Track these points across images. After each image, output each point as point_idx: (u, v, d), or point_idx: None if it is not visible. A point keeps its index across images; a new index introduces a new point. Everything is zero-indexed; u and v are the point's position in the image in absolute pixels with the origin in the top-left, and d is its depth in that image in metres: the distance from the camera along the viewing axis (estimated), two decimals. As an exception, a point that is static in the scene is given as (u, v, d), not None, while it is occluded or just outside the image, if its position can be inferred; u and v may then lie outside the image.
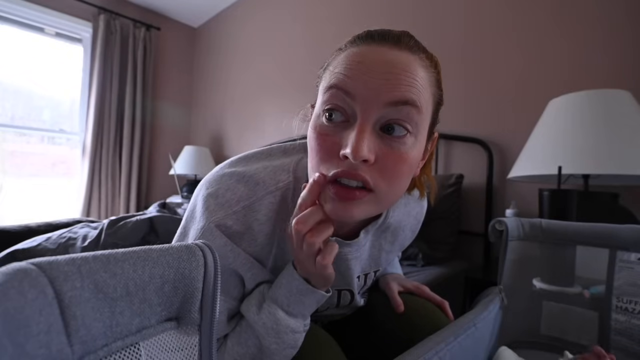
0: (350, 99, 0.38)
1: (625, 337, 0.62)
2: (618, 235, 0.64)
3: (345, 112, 0.39)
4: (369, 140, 0.37)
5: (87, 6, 2.67)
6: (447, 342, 0.46)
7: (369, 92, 0.37)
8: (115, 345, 0.23)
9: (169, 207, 1.55)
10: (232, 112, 2.92)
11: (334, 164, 0.38)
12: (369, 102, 0.37)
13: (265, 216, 0.46)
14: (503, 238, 0.72)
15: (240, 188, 0.46)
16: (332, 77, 0.39)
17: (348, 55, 0.40)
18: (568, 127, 0.97)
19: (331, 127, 0.39)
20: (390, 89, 0.37)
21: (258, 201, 0.46)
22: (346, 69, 0.38)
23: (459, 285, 1.25)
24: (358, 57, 0.38)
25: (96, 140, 2.69)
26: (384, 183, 0.39)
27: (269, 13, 2.62)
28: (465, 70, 1.57)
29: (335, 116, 0.39)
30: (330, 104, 0.39)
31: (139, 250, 0.25)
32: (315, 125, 0.41)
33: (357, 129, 0.37)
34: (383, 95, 0.37)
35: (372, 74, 0.37)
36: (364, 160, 0.37)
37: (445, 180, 1.46)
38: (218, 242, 0.44)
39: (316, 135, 0.40)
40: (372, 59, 0.38)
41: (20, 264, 0.19)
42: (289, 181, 0.48)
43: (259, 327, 0.45)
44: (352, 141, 0.36)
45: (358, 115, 0.38)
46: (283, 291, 0.45)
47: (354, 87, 0.37)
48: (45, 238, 1.06)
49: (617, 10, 1.20)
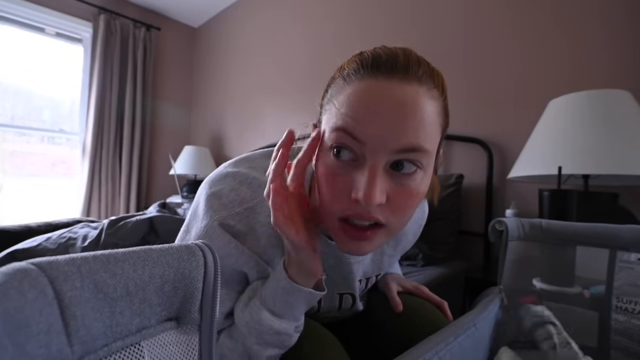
0: (358, 142, 0.37)
1: (626, 337, 0.62)
2: (618, 235, 0.64)
3: (354, 152, 0.38)
4: (381, 183, 0.36)
5: (87, 6, 2.67)
6: (447, 342, 0.46)
7: (377, 139, 0.36)
8: (115, 345, 0.23)
9: (169, 207, 1.55)
10: (232, 112, 2.92)
11: (345, 203, 0.38)
12: (377, 148, 0.36)
13: (268, 218, 0.46)
14: (503, 238, 0.72)
15: (243, 190, 0.47)
16: (339, 118, 0.38)
17: (355, 93, 0.37)
18: (568, 127, 0.97)
19: (340, 165, 0.38)
20: (399, 136, 0.36)
21: (260, 204, 0.46)
22: (353, 112, 0.37)
23: (459, 286, 1.25)
24: (365, 98, 0.37)
25: (96, 141, 2.69)
26: (395, 219, 0.39)
27: (269, 13, 2.62)
28: (465, 70, 1.57)
29: (343, 154, 0.38)
30: (339, 144, 0.38)
31: (139, 250, 0.25)
32: (324, 161, 0.40)
33: (369, 174, 0.36)
34: (391, 143, 0.36)
35: (380, 120, 0.36)
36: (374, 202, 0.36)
37: (445, 180, 1.46)
38: (222, 240, 0.45)
39: (326, 173, 0.39)
40: (379, 101, 0.36)
41: (20, 264, 0.19)
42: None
43: (241, 325, 0.45)
44: (364, 187, 0.35)
45: (367, 158, 0.37)
46: (269, 290, 0.44)
47: (361, 132, 0.36)
48: (45, 238, 1.06)
49: (617, 10, 1.20)
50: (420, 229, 0.66)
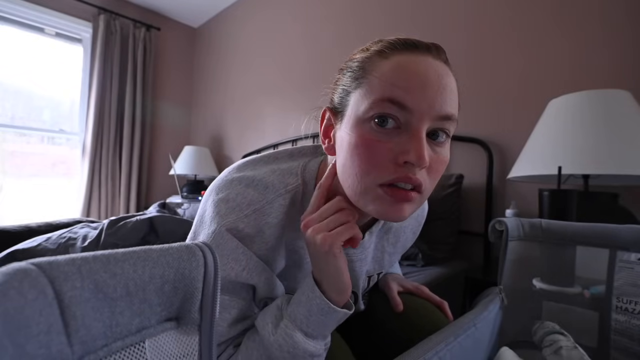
0: (405, 111, 0.38)
1: (626, 337, 0.62)
2: (618, 235, 0.64)
3: (398, 120, 0.39)
4: (427, 149, 0.39)
5: (87, 6, 2.67)
6: (447, 342, 0.46)
7: (425, 105, 0.38)
8: (115, 346, 0.23)
9: (169, 207, 1.55)
10: (232, 112, 2.92)
11: (389, 170, 0.39)
12: (424, 115, 0.38)
13: (276, 219, 0.47)
14: (503, 238, 0.72)
15: (250, 192, 0.47)
16: (386, 88, 0.39)
17: (400, 64, 0.40)
18: (568, 127, 0.97)
19: (382, 133, 0.40)
20: (442, 104, 0.39)
21: (268, 204, 0.47)
22: (404, 80, 0.39)
23: (459, 286, 1.25)
24: (413, 68, 0.39)
25: (96, 141, 2.69)
26: (430, 184, 0.42)
27: (269, 13, 2.62)
28: (465, 70, 1.57)
29: (388, 123, 0.39)
30: (383, 112, 0.39)
31: (139, 250, 0.25)
32: (361, 132, 0.40)
33: (417, 138, 0.38)
34: (436, 109, 0.39)
35: (427, 88, 0.38)
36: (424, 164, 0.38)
37: (445, 180, 1.46)
38: (230, 245, 0.45)
39: (365, 142, 0.40)
40: (426, 71, 0.39)
41: (20, 264, 0.19)
42: (297, 184, 0.49)
43: (274, 349, 0.43)
44: (416, 149, 0.38)
45: (414, 126, 0.39)
46: (302, 310, 0.43)
47: (411, 101, 0.38)
48: (45, 238, 1.06)
49: (617, 10, 1.20)
50: (419, 227, 0.67)
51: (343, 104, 0.44)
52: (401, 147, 0.39)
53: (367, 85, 0.41)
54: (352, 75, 0.44)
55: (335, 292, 0.43)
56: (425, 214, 0.67)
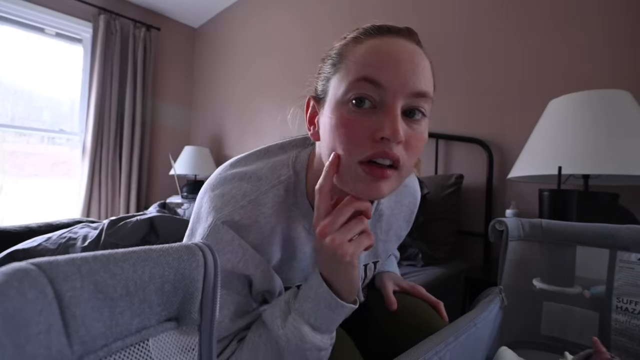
0: (379, 89, 0.40)
1: (626, 337, 0.62)
2: (618, 235, 0.64)
3: (374, 100, 0.41)
4: (402, 124, 0.41)
5: (87, 6, 2.67)
6: (447, 342, 0.46)
7: (398, 82, 0.40)
8: (115, 346, 0.23)
9: (169, 207, 1.55)
10: (232, 112, 2.92)
11: (367, 146, 0.41)
12: (397, 92, 0.40)
13: (271, 209, 0.48)
14: (503, 238, 0.72)
15: (244, 185, 0.48)
16: (360, 68, 0.41)
17: (373, 46, 0.42)
18: (568, 127, 0.97)
19: (359, 113, 0.41)
20: (415, 81, 0.41)
21: (262, 195, 0.48)
22: (375, 61, 0.41)
23: (459, 286, 1.25)
24: (385, 48, 0.41)
25: (96, 141, 2.69)
26: (408, 160, 0.43)
27: (269, 13, 2.62)
28: (465, 70, 1.57)
29: (364, 103, 0.41)
30: (360, 93, 0.41)
31: (138, 250, 0.25)
32: (340, 113, 0.42)
33: (392, 114, 0.40)
34: (409, 87, 0.40)
35: (400, 66, 0.40)
36: (399, 142, 0.41)
37: (445, 180, 1.46)
38: (226, 238, 0.45)
39: (344, 122, 0.42)
40: (397, 51, 0.41)
41: (20, 264, 0.19)
42: (289, 175, 0.51)
43: (282, 342, 0.43)
44: (390, 124, 0.39)
45: (388, 103, 0.40)
46: (310, 304, 0.44)
47: (385, 78, 0.40)
48: (45, 238, 1.06)
49: (617, 10, 1.20)
50: (412, 214, 0.67)
51: (325, 90, 0.46)
52: (377, 124, 0.40)
53: (344, 70, 0.43)
54: (331, 62, 0.46)
55: (346, 292, 0.45)
56: (418, 202, 0.67)
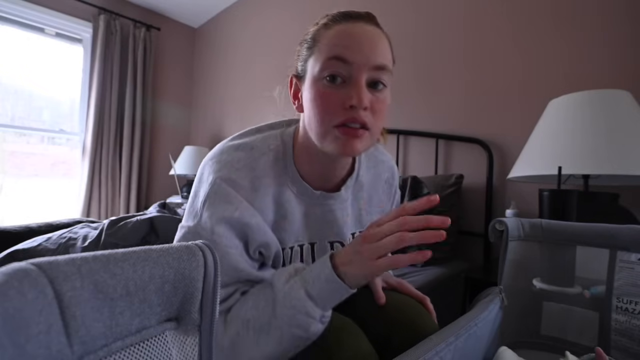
0: (347, 65, 0.50)
1: (626, 337, 0.62)
2: (618, 235, 0.64)
3: (343, 75, 0.50)
4: (365, 92, 0.50)
5: (87, 6, 2.67)
6: (447, 342, 0.46)
7: (362, 59, 0.49)
8: (115, 346, 0.23)
9: (169, 207, 1.55)
10: (232, 113, 2.92)
11: (339, 114, 0.50)
12: (361, 67, 0.50)
13: (263, 172, 0.56)
14: (503, 238, 0.72)
15: (239, 153, 0.57)
16: (331, 49, 0.50)
17: (340, 30, 0.51)
18: (568, 127, 0.97)
19: (333, 87, 0.51)
20: (375, 56, 0.50)
21: (254, 161, 0.56)
22: (342, 41, 0.50)
23: (459, 286, 1.25)
24: (349, 31, 0.51)
25: (96, 141, 2.69)
26: (375, 123, 0.52)
27: (269, 13, 2.62)
28: (465, 70, 1.57)
29: (336, 80, 0.50)
30: (332, 71, 0.50)
31: (138, 250, 0.25)
32: (317, 88, 0.52)
33: (357, 86, 0.49)
34: (371, 61, 0.50)
35: (363, 45, 0.50)
36: (365, 108, 0.50)
37: (445, 180, 1.46)
38: (224, 192, 0.52)
39: (320, 95, 0.51)
40: (360, 33, 0.51)
41: (20, 264, 0.19)
42: (278, 144, 0.60)
43: (280, 296, 0.49)
44: (357, 94, 0.49)
45: (354, 77, 0.50)
46: (312, 274, 0.50)
47: (351, 56, 0.49)
48: (45, 238, 1.06)
49: (617, 10, 1.20)
50: (391, 188, 0.73)
51: (304, 69, 0.55)
52: (347, 95, 0.49)
53: (317, 51, 0.52)
54: (307, 45, 0.56)
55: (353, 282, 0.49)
56: (396, 177, 0.74)
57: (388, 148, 1.82)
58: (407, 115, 1.77)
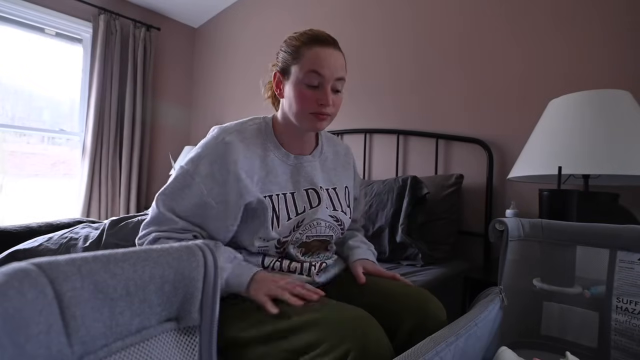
0: (320, 77, 0.73)
1: (626, 337, 0.62)
2: (618, 235, 0.64)
3: (317, 83, 0.73)
4: (331, 96, 0.74)
5: (87, 6, 2.67)
6: (448, 342, 0.46)
7: (329, 74, 0.73)
8: (115, 346, 0.23)
9: (169, 207, 1.55)
10: (232, 112, 2.92)
11: (314, 107, 0.74)
12: (329, 79, 0.74)
13: (251, 136, 0.77)
14: (503, 238, 0.72)
15: (230, 125, 0.78)
16: (310, 64, 0.73)
17: (317, 52, 0.73)
18: (568, 127, 0.97)
19: (310, 89, 0.74)
20: (337, 72, 0.74)
21: (244, 128, 0.78)
22: (320, 60, 0.73)
23: (458, 286, 1.25)
24: (323, 54, 0.73)
25: (96, 141, 2.69)
26: (334, 112, 0.78)
27: (269, 13, 2.62)
28: (465, 70, 1.57)
29: (313, 86, 0.73)
30: (310, 80, 0.73)
31: (139, 250, 0.25)
32: (299, 88, 0.74)
33: (326, 92, 0.74)
34: (334, 75, 0.74)
35: (331, 64, 0.73)
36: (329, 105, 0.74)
37: (445, 180, 1.46)
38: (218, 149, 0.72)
39: (302, 93, 0.74)
40: (330, 55, 0.74)
41: (20, 264, 0.19)
42: (260, 122, 0.82)
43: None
44: (325, 98, 0.73)
45: (324, 85, 0.73)
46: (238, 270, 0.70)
47: (324, 71, 0.73)
48: (46, 238, 1.06)
49: (617, 10, 1.20)
50: (348, 165, 0.94)
51: (287, 70, 0.76)
52: (319, 97, 0.73)
53: (301, 62, 0.74)
54: (291, 53, 0.75)
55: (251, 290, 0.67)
56: (351, 153, 0.97)
57: (388, 148, 1.82)
58: (407, 115, 1.77)
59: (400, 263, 1.34)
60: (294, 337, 0.57)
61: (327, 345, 0.53)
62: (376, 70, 1.91)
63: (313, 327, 0.56)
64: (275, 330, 0.59)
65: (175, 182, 0.72)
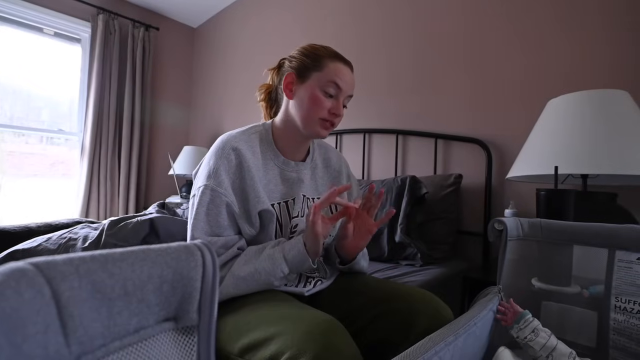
0: (338, 89, 0.79)
1: (624, 336, 0.62)
2: (617, 235, 0.64)
3: (333, 93, 0.79)
4: (342, 108, 0.81)
5: (86, 6, 2.66)
6: (446, 342, 0.46)
7: (346, 89, 0.80)
8: (113, 346, 0.23)
9: (168, 208, 1.55)
10: (231, 112, 2.92)
11: (325, 114, 0.79)
12: (345, 93, 0.80)
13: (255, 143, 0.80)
14: (502, 237, 0.72)
15: (234, 133, 0.80)
16: (332, 76, 0.79)
17: (339, 67, 0.80)
18: (567, 127, 0.97)
19: (326, 97, 0.79)
20: (351, 89, 0.82)
21: (247, 136, 0.80)
22: (341, 75, 0.80)
23: (457, 285, 1.25)
24: (344, 70, 0.80)
25: (95, 141, 2.68)
26: (338, 122, 0.83)
27: (269, 13, 2.61)
28: (464, 70, 1.57)
29: (329, 94, 0.79)
30: (330, 90, 0.79)
31: (137, 250, 0.25)
32: (317, 93, 0.78)
33: (339, 104, 0.80)
34: (348, 92, 0.81)
35: (348, 81, 0.81)
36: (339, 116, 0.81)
37: (444, 180, 1.46)
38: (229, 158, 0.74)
39: (318, 99, 0.78)
40: (348, 73, 0.81)
41: (18, 263, 0.19)
42: (260, 130, 0.84)
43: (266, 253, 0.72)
44: (338, 109, 0.80)
45: (340, 97, 0.80)
46: (289, 245, 0.72)
47: (343, 85, 0.79)
48: (45, 238, 1.05)
49: (617, 10, 1.20)
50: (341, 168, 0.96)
51: (305, 74, 0.80)
52: (333, 106, 0.79)
53: (323, 71, 0.79)
54: (313, 60, 0.80)
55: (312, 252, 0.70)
56: (342, 163, 0.98)
57: (387, 147, 1.82)
58: (406, 115, 1.77)
59: (399, 263, 1.34)
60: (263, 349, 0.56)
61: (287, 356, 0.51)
62: (375, 70, 1.91)
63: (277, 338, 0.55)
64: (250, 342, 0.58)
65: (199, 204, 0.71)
